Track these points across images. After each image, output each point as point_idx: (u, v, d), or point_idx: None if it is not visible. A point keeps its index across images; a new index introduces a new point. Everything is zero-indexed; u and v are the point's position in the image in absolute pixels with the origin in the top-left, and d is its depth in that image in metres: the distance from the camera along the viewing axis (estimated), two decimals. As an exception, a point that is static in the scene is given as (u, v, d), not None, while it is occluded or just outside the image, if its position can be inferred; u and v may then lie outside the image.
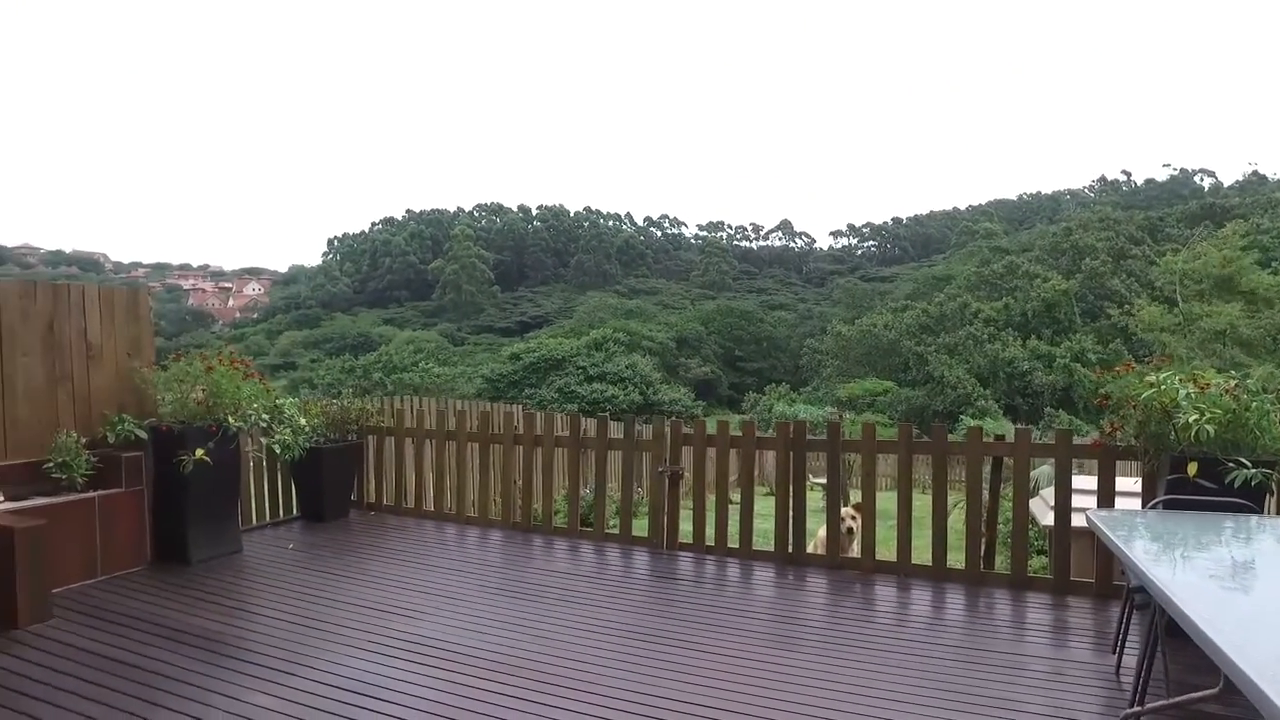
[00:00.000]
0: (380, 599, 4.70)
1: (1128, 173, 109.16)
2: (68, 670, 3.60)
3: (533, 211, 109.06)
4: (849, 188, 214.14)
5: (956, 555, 5.38)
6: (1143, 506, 4.48)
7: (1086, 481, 5.59)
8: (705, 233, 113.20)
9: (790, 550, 5.59)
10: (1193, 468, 4.03)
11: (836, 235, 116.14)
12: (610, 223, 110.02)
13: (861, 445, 5.56)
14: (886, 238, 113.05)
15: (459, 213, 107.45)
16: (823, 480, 6.32)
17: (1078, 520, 4.78)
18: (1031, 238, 70.78)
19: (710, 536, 5.87)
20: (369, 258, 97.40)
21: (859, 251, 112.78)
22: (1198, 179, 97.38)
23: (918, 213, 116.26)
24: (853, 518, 5.79)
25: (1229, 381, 4.37)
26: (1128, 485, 5.21)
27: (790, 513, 5.61)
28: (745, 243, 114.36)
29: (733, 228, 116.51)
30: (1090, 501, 4.88)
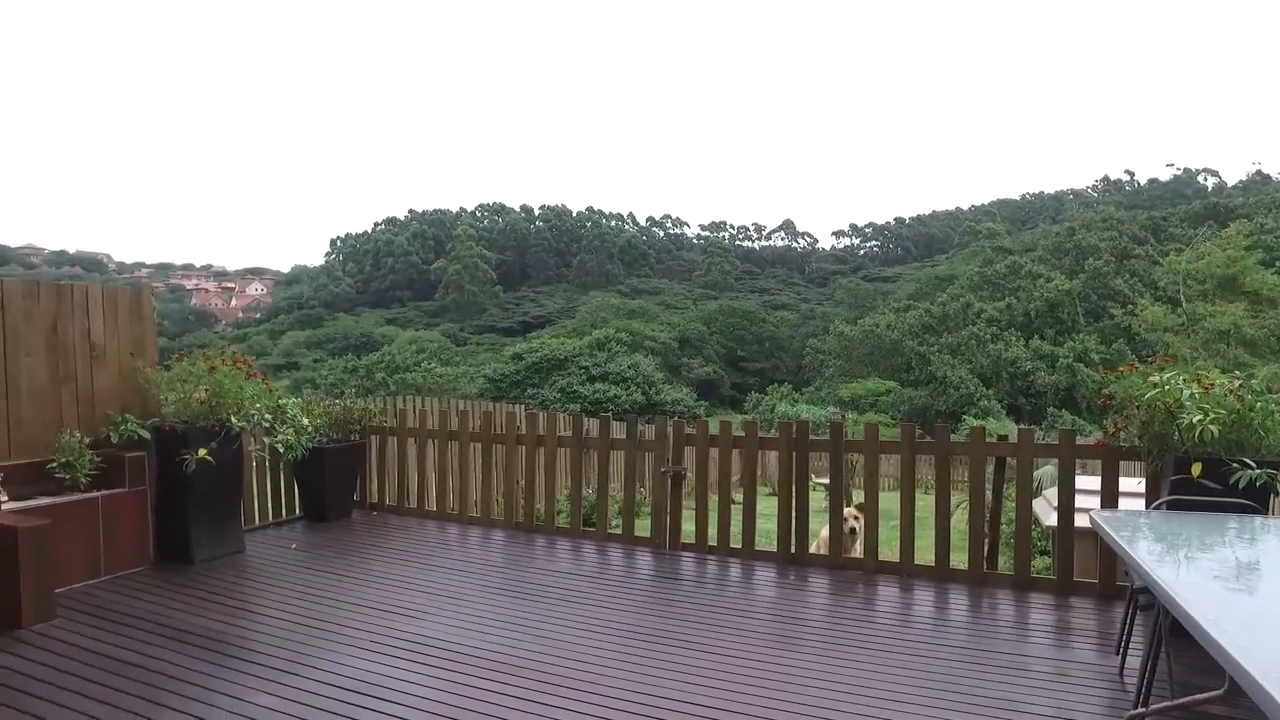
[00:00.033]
0: (383, 599, 4.70)
1: (1131, 172, 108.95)
2: (72, 670, 3.61)
3: (535, 211, 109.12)
4: (852, 188, 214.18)
5: (959, 556, 5.37)
6: (1146, 507, 4.46)
7: (1090, 482, 5.59)
8: (708, 233, 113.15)
9: (793, 550, 5.59)
10: (1197, 468, 4.02)
11: (839, 235, 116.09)
12: (613, 223, 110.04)
13: (864, 445, 5.55)
14: (889, 238, 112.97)
15: (461, 213, 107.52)
16: (825, 480, 6.32)
17: (1081, 521, 4.77)
18: (1034, 238, 70.64)
19: (713, 537, 5.87)
20: (372, 258, 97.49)
21: (861, 251, 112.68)
22: (1201, 179, 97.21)
23: (920, 212, 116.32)
24: (855, 518, 5.78)
25: (1233, 382, 4.36)
26: (1131, 486, 5.20)
27: (793, 513, 5.61)
28: (748, 243, 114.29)
29: (735, 228, 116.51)
30: (1094, 502, 4.87)
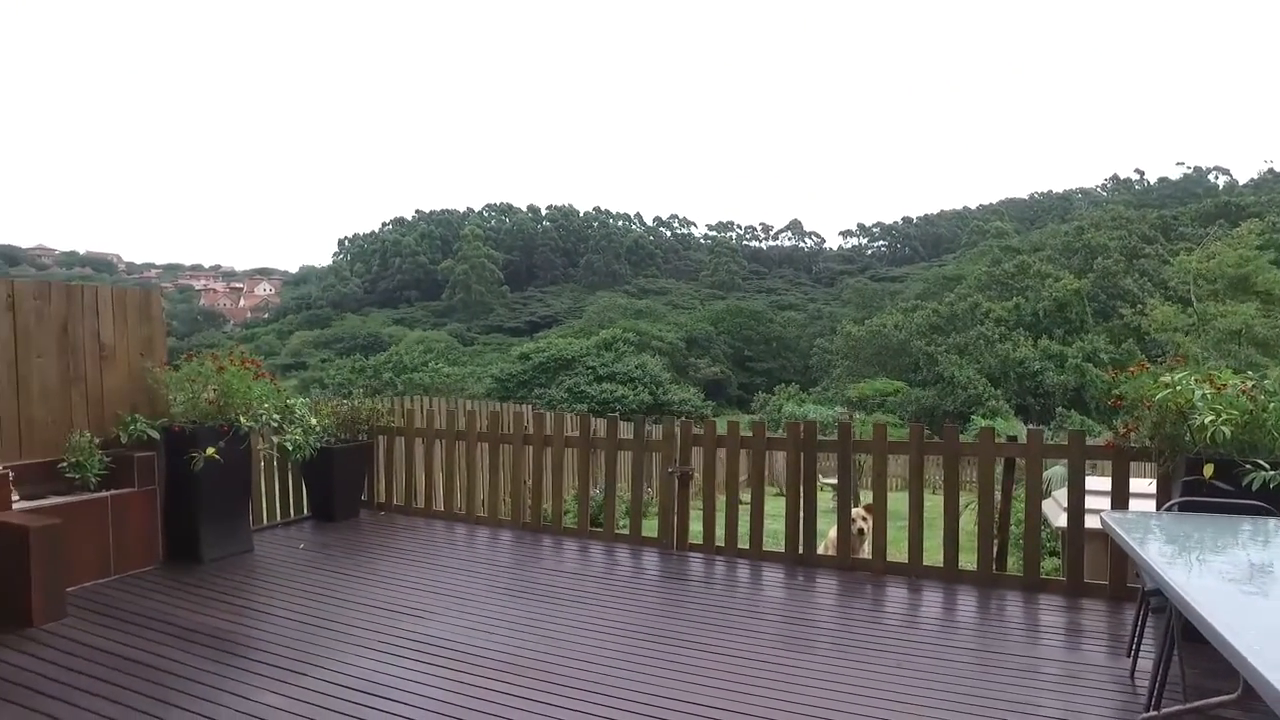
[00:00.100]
0: (390, 599, 4.71)
1: (1141, 171, 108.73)
2: (82, 669, 3.63)
3: (542, 211, 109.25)
4: (859, 187, 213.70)
5: (968, 557, 5.34)
6: (1157, 508, 4.44)
7: (1099, 483, 5.55)
8: (714, 233, 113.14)
9: (801, 551, 5.57)
10: (1209, 469, 3.98)
11: (846, 235, 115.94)
12: (619, 223, 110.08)
13: (873, 446, 5.53)
14: (896, 237, 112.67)
15: (468, 213, 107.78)
16: (833, 481, 6.30)
17: (1091, 522, 4.74)
18: (1043, 237, 70.26)
19: (720, 537, 5.86)
20: (379, 258, 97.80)
21: (869, 251, 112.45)
22: (1212, 177, 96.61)
23: (928, 212, 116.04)
24: (864, 519, 5.76)
25: (1246, 382, 4.32)
26: (1142, 487, 5.16)
27: (801, 513, 5.59)
28: (755, 243, 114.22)
29: (742, 228, 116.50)
30: (1104, 503, 4.83)
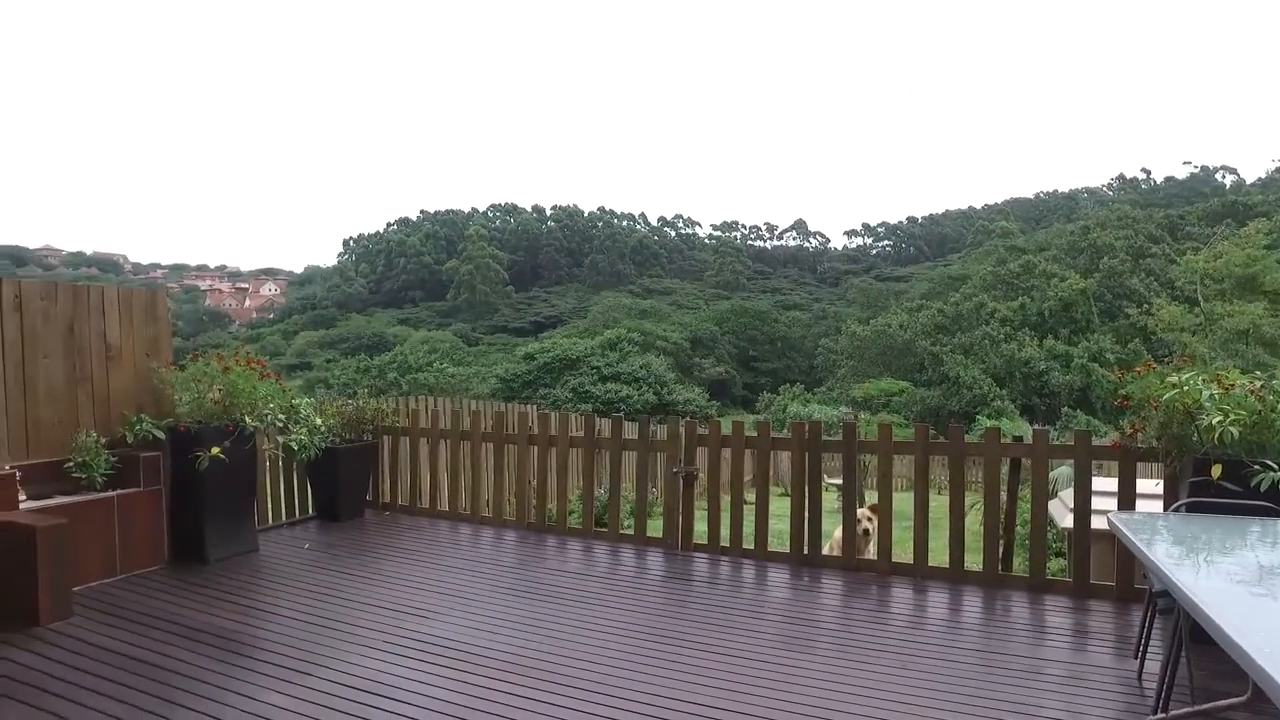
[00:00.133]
0: (395, 599, 4.72)
1: (1147, 170, 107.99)
2: (88, 668, 3.64)
3: (547, 211, 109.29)
4: (864, 187, 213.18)
5: (974, 557, 5.33)
6: (1164, 509, 4.41)
7: (1106, 483, 5.52)
8: (719, 232, 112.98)
9: (806, 551, 5.56)
10: (1216, 470, 3.97)
11: (851, 235, 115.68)
12: (624, 223, 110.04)
13: (878, 446, 5.51)
14: (901, 237, 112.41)
15: (473, 213, 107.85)
16: (838, 481, 6.28)
17: (1097, 522, 4.72)
18: (1049, 237, 70.02)
19: (725, 537, 5.85)
20: (384, 258, 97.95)
21: (874, 251, 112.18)
22: (1219, 176, 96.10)
23: (933, 212, 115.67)
24: (869, 519, 5.75)
25: (1254, 382, 4.29)
26: (1148, 487, 5.13)
27: (806, 514, 5.58)
28: (759, 242, 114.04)
29: (747, 227, 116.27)
30: (1110, 504, 4.81)
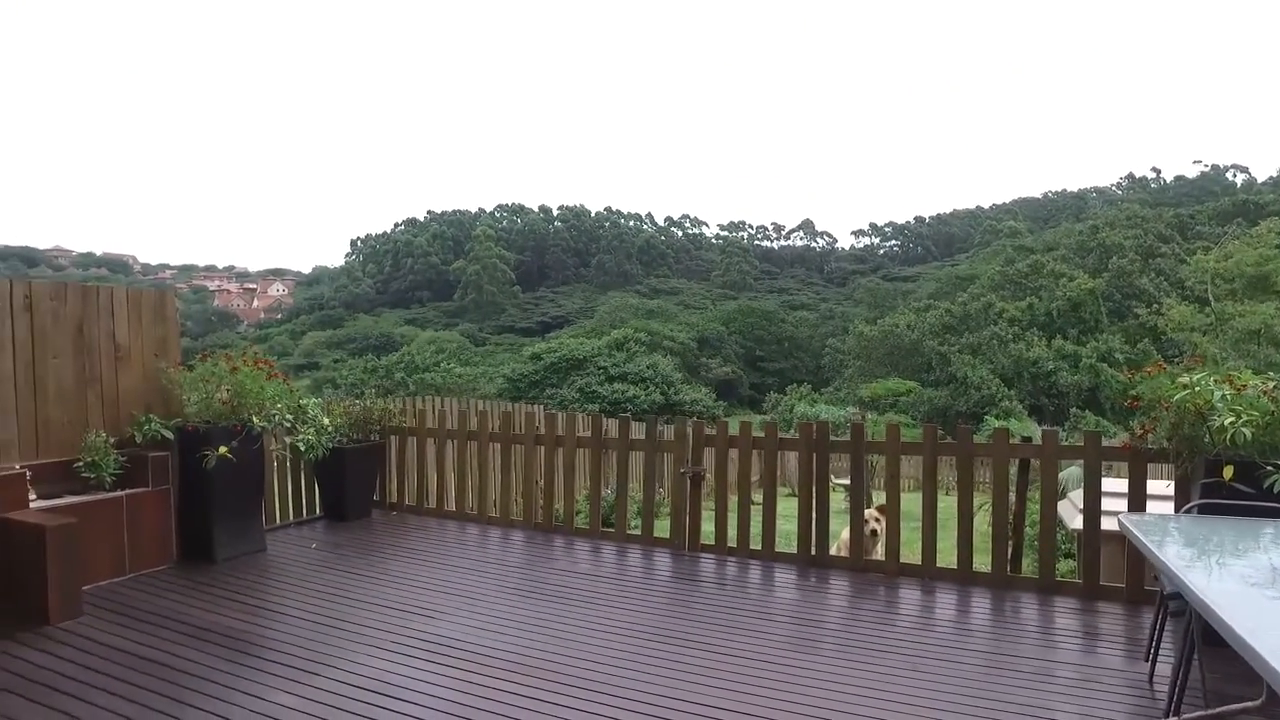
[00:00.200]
0: (401, 599, 4.72)
1: (1157, 170, 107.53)
2: (99, 667, 3.65)
3: (554, 212, 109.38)
4: (871, 187, 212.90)
5: (982, 558, 5.29)
6: (1175, 510, 4.38)
7: (1115, 484, 5.48)
8: (726, 232, 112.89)
9: (813, 552, 5.54)
10: (1228, 471, 3.93)
11: (858, 235, 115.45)
12: (631, 223, 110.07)
13: (886, 446, 5.49)
14: (909, 237, 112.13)
15: (480, 213, 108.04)
16: (845, 481, 6.27)
17: (1107, 524, 4.69)
18: (1057, 236, 69.73)
19: (732, 538, 5.83)
20: (391, 258, 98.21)
21: (881, 251, 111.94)
22: (1230, 175, 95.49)
23: (940, 211, 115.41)
24: (876, 520, 5.72)
25: (1267, 383, 4.26)
26: (1159, 488, 5.10)
27: (813, 514, 5.56)
28: (766, 242, 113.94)
29: (754, 227, 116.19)
30: (1120, 505, 4.78)
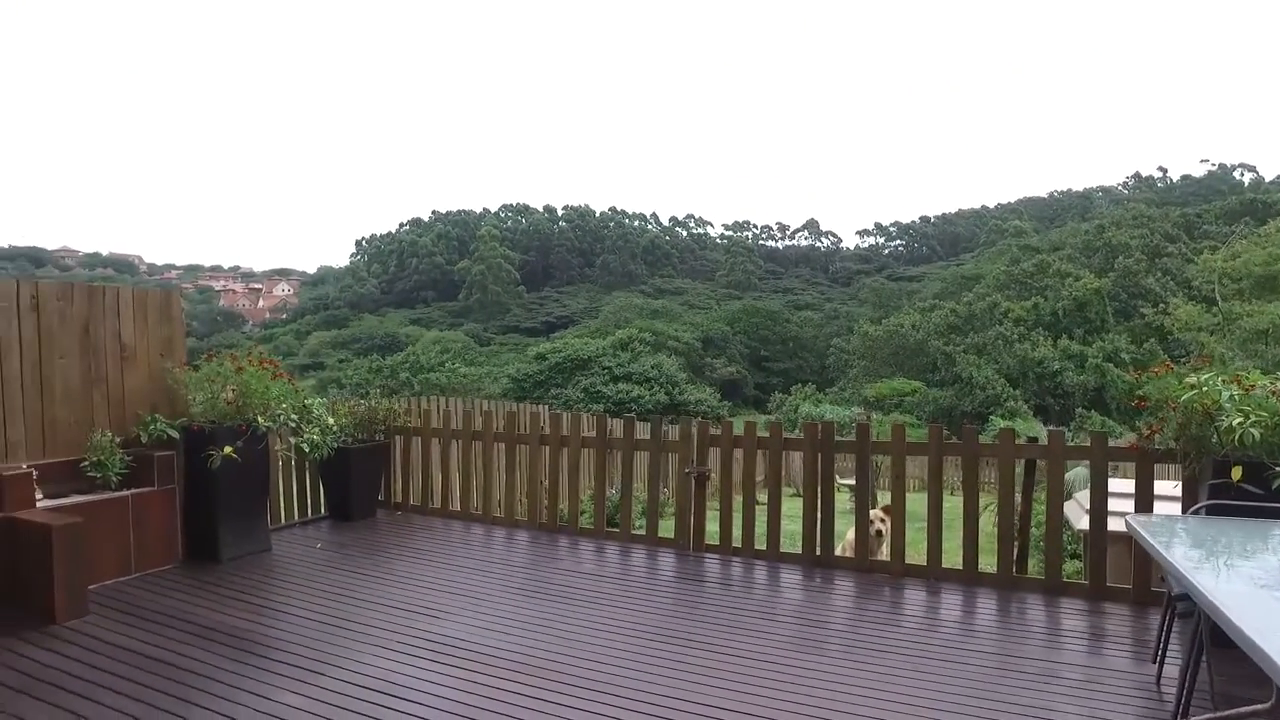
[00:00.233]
0: (406, 599, 4.72)
1: (1164, 169, 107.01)
2: (105, 666, 3.66)
3: (558, 212, 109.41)
4: (876, 187, 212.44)
5: (988, 559, 5.28)
6: (1183, 511, 4.35)
7: (1122, 485, 5.46)
8: (731, 232, 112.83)
9: (818, 553, 5.53)
10: (1237, 472, 3.91)
11: (863, 234, 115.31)
12: (635, 223, 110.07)
13: (891, 447, 5.47)
14: (914, 237, 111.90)
15: (485, 213, 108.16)
16: (851, 482, 6.25)
17: (1114, 524, 4.67)
18: (1063, 236, 69.48)
19: (737, 538, 5.82)
20: (396, 258, 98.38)
21: (886, 251, 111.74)
22: (1237, 174, 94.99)
23: (945, 211, 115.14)
24: (882, 520, 5.71)
25: (1275, 383, 4.23)
26: (1166, 489, 5.07)
27: (818, 514, 5.55)
28: (771, 242, 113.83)
29: (758, 227, 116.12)
30: (1126, 505, 4.76)
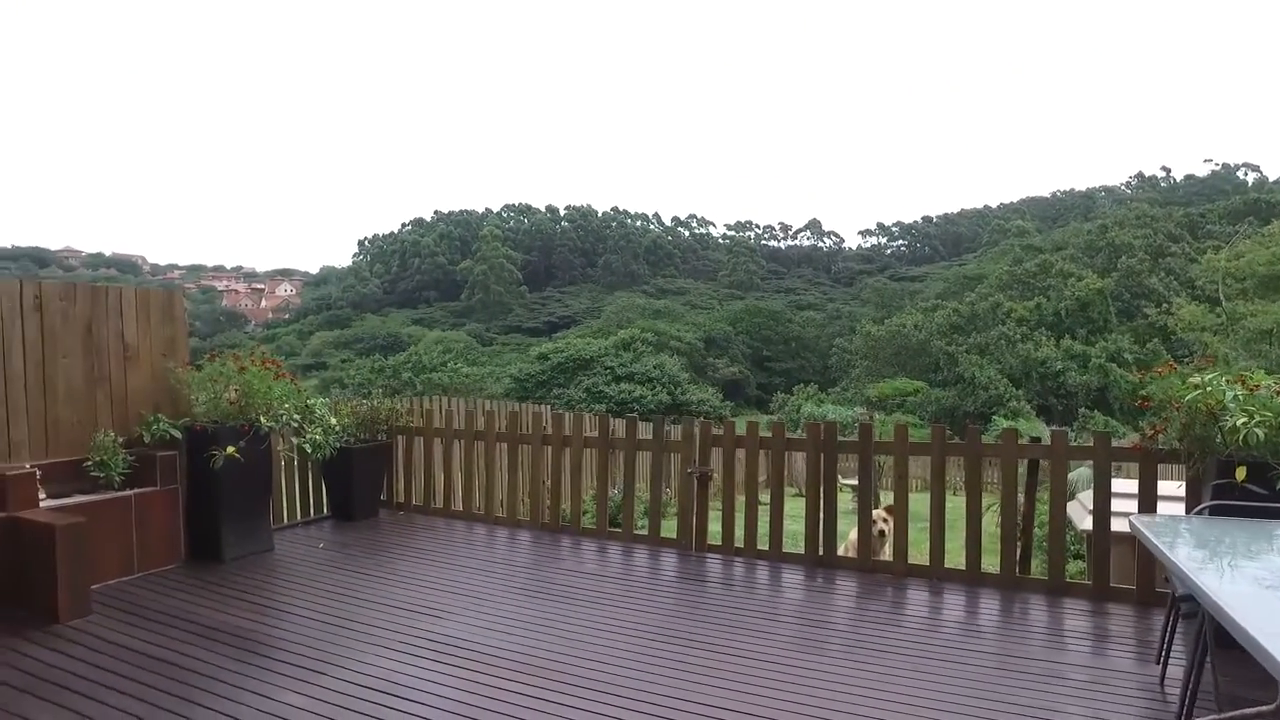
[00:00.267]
0: (408, 598, 4.72)
1: (1167, 168, 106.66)
2: (108, 666, 3.67)
3: (560, 212, 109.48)
4: (878, 186, 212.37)
5: (991, 559, 5.27)
6: (1187, 512, 4.35)
7: (1125, 485, 5.45)
8: (733, 232, 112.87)
9: (821, 553, 5.52)
10: (1241, 472, 3.89)
11: (866, 234, 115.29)
12: (638, 223, 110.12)
13: (894, 447, 5.46)
14: (916, 237, 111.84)
15: (487, 213, 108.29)
16: (853, 482, 6.25)
17: (1117, 525, 4.66)
18: (1065, 236, 69.41)
19: (739, 538, 5.82)
20: (398, 258, 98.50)
21: (888, 251, 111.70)
22: (1241, 174, 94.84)
23: (948, 211, 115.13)
24: (884, 520, 5.70)
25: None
26: (1170, 489, 5.06)
27: (821, 515, 5.54)
28: (773, 242, 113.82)
29: (760, 227, 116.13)
30: (1129, 506, 4.74)
